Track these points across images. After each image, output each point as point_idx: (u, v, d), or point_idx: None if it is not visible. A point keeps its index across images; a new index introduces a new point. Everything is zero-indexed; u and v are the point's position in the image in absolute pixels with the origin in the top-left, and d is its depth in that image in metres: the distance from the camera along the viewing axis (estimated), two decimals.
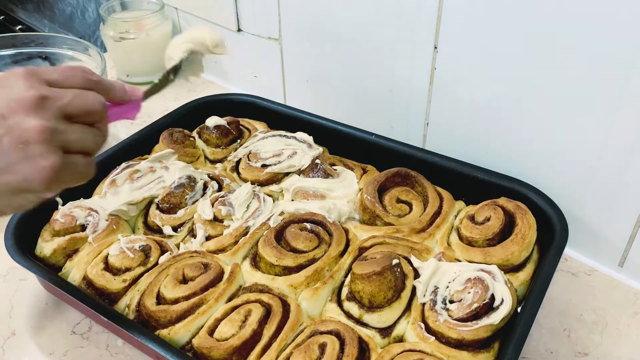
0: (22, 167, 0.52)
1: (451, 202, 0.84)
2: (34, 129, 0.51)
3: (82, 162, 0.56)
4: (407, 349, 0.65)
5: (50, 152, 0.52)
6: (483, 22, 0.80)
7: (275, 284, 0.73)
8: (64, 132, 0.54)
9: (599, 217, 0.83)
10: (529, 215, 0.76)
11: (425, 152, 0.90)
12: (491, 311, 0.65)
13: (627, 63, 0.70)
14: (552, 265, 0.70)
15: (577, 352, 0.74)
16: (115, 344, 0.76)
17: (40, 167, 0.52)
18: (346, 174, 0.89)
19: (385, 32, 0.93)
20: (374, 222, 0.81)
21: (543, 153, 0.84)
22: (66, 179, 0.55)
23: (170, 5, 1.33)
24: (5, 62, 1.20)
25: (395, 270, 0.69)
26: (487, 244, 0.75)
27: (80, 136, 0.56)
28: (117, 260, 0.75)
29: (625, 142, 0.75)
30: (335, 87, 1.09)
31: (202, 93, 1.24)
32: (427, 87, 0.93)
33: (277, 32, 1.13)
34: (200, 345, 0.66)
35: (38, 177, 0.52)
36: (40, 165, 0.52)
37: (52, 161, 0.52)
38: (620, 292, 0.82)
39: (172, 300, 0.71)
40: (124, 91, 0.64)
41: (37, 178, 0.52)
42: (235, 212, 0.82)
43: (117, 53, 1.32)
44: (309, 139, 0.96)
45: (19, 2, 2.17)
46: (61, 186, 0.55)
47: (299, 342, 0.66)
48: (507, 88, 0.83)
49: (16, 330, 0.79)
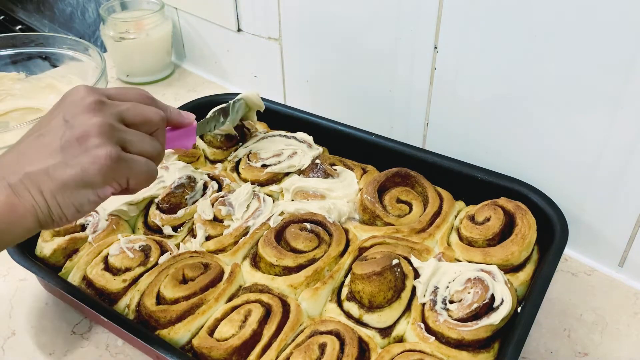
0: (81, 159, 0.54)
1: (451, 202, 0.84)
2: (92, 124, 0.55)
3: (141, 161, 0.58)
4: (407, 349, 0.65)
5: (107, 144, 0.55)
6: (483, 22, 0.80)
7: (275, 284, 0.73)
8: (122, 131, 0.57)
9: (599, 217, 0.83)
10: (529, 216, 0.76)
11: (425, 152, 0.90)
12: (491, 311, 0.65)
13: (627, 63, 0.70)
14: (552, 265, 0.70)
15: (577, 352, 0.74)
16: (115, 344, 0.76)
17: (97, 156, 0.54)
18: (346, 174, 0.89)
19: (385, 32, 0.93)
20: (374, 222, 0.81)
21: (543, 153, 0.84)
22: (125, 173, 0.57)
23: (170, 5, 1.33)
24: (5, 62, 1.20)
25: (395, 270, 0.69)
26: (487, 244, 0.75)
27: (139, 139, 0.58)
28: (117, 260, 0.75)
29: (625, 142, 0.75)
30: (335, 87, 1.09)
31: (202, 93, 1.24)
32: (427, 87, 0.93)
33: (277, 32, 1.13)
34: (200, 345, 0.66)
35: (95, 166, 0.54)
36: (97, 154, 0.54)
37: (108, 151, 0.54)
38: (620, 292, 0.82)
39: (172, 300, 0.71)
40: (178, 113, 0.67)
41: (94, 168, 0.54)
42: (235, 212, 0.82)
43: (117, 53, 1.32)
44: (309, 139, 0.96)
45: (19, 2, 2.18)
46: (120, 180, 0.57)
47: (299, 342, 0.66)
48: (507, 88, 0.83)
49: (16, 330, 0.79)
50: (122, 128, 0.57)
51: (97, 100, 0.57)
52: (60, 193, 0.55)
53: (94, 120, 0.55)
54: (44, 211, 0.55)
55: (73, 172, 0.54)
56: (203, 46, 1.34)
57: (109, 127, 0.55)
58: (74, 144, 0.54)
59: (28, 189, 0.54)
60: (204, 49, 1.34)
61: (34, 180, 0.54)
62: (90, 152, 0.54)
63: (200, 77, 1.38)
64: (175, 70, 1.41)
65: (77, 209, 0.57)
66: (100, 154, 0.54)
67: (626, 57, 0.70)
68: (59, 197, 0.55)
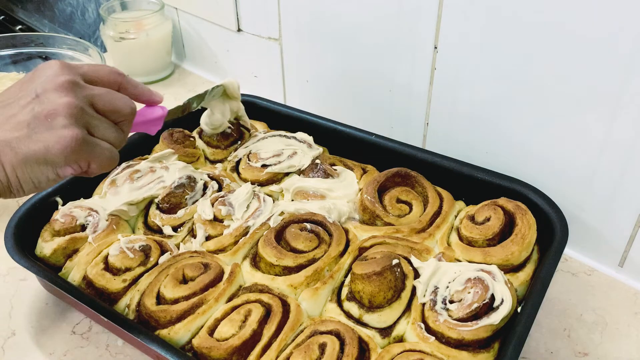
0: (46, 136, 0.54)
1: (451, 202, 0.84)
2: (62, 104, 0.55)
3: (104, 146, 0.59)
4: (407, 349, 0.65)
5: (73, 125, 0.55)
6: (483, 22, 0.80)
7: (275, 284, 0.73)
8: (90, 116, 0.57)
9: (599, 217, 0.83)
10: (529, 216, 0.76)
11: (426, 152, 0.90)
12: (491, 311, 0.65)
13: (627, 63, 0.70)
14: (552, 265, 0.70)
15: (577, 352, 0.74)
16: (115, 344, 0.76)
17: (62, 136, 0.54)
18: (346, 174, 0.89)
19: (385, 32, 0.93)
20: (374, 222, 0.81)
21: (543, 153, 0.84)
22: (86, 156, 0.57)
23: (170, 5, 1.33)
24: (5, 62, 1.20)
25: (395, 270, 0.69)
26: (487, 244, 0.75)
27: (104, 125, 0.59)
28: (117, 260, 0.75)
29: (625, 142, 0.75)
30: (335, 87, 1.09)
31: None
32: (427, 87, 0.93)
33: (277, 32, 1.13)
34: (200, 345, 0.66)
35: (59, 146, 0.54)
36: (62, 134, 0.54)
37: (74, 133, 0.55)
38: (620, 292, 0.82)
39: (172, 300, 0.71)
40: (149, 91, 0.68)
41: (58, 148, 0.54)
42: (235, 212, 0.82)
43: (117, 53, 1.32)
44: (309, 139, 0.96)
45: (19, 2, 2.17)
46: (81, 163, 0.57)
47: (298, 342, 0.66)
48: (507, 88, 0.83)
49: (16, 330, 0.79)
50: (91, 112, 0.57)
51: (71, 80, 0.57)
52: (21, 167, 0.55)
53: (64, 99, 0.55)
54: (3, 182, 0.56)
55: (36, 147, 0.54)
56: (203, 46, 1.34)
57: (78, 110, 0.56)
58: (41, 120, 0.54)
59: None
60: (204, 49, 1.34)
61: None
62: (56, 130, 0.54)
63: (200, 77, 1.38)
64: (175, 70, 1.41)
65: (35, 184, 0.57)
66: (65, 134, 0.54)
67: (626, 57, 0.70)
68: (19, 171, 0.55)
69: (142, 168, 0.89)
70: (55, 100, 0.55)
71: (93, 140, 0.57)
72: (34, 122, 0.54)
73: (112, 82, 0.63)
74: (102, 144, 0.58)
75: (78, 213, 0.81)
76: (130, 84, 0.65)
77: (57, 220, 0.80)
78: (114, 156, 0.60)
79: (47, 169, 0.56)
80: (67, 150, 0.55)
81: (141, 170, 0.89)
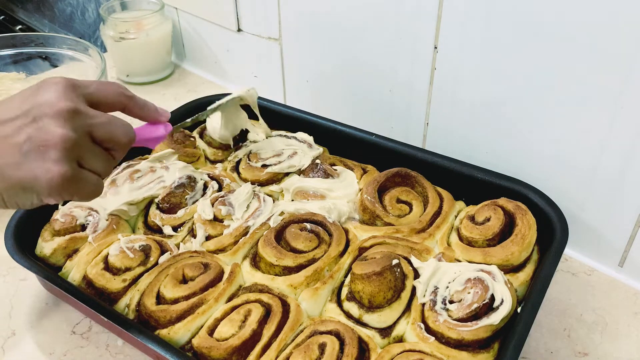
0: (36, 167, 0.54)
1: (451, 203, 0.84)
2: (58, 136, 0.54)
3: (91, 180, 0.58)
4: (406, 349, 0.64)
5: (65, 161, 0.54)
6: (483, 22, 0.80)
7: (275, 284, 0.73)
8: (84, 148, 0.57)
9: (599, 217, 0.83)
10: (529, 216, 0.76)
11: (426, 152, 0.90)
12: (491, 311, 0.65)
13: (627, 63, 0.70)
14: (552, 265, 0.70)
15: (577, 352, 0.74)
16: (115, 344, 0.76)
17: (52, 171, 0.54)
18: (346, 174, 0.89)
19: (385, 32, 0.93)
20: (374, 222, 0.81)
21: (543, 152, 0.84)
22: (72, 191, 0.57)
23: (170, 5, 1.33)
24: (5, 62, 1.20)
25: (395, 270, 0.69)
26: (487, 244, 0.75)
27: (96, 157, 0.58)
28: (117, 260, 0.75)
29: (625, 141, 0.75)
30: (335, 87, 1.09)
31: (202, 93, 1.24)
32: (427, 87, 0.93)
33: (277, 32, 1.13)
34: (200, 345, 0.66)
35: (47, 181, 0.54)
36: (52, 169, 0.54)
37: (64, 170, 0.54)
38: (620, 292, 0.82)
39: (172, 300, 0.71)
40: (155, 110, 0.67)
41: (45, 181, 0.54)
42: (235, 212, 0.82)
43: (117, 53, 1.32)
44: (309, 139, 0.96)
45: (19, 2, 2.18)
46: (64, 196, 0.57)
47: (298, 342, 0.66)
48: (507, 88, 0.83)
49: (16, 330, 0.79)
50: (85, 143, 0.57)
51: (72, 109, 0.56)
52: (7, 191, 0.56)
53: (60, 131, 0.54)
54: None
55: (24, 176, 0.54)
56: (203, 46, 1.34)
57: (72, 143, 0.55)
58: (34, 149, 0.54)
59: None
60: (204, 49, 1.34)
61: None
62: (46, 163, 0.54)
63: (200, 77, 1.38)
64: (175, 70, 1.41)
65: (20, 205, 0.58)
66: (55, 169, 0.54)
67: (626, 57, 0.70)
68: (5, 194, 0.56)
69: (143, 168, 0.89)
70: (52, 130, 0.54)
71: (80, 175, 0.57)
72: (27, 149, 0.54)
73: (117, 103, 0.62)
74: (89, 177, 0.58)
75: (78, 213, 0.81)
76: (137, 106, 0.64)
77: (57, 220, 0.80)
78: (98, 189, 0.60)
79: (32, 196, 0.56)
80: (53, 184, 0.55)
81: (141, 170, 0.89)
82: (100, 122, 0.58)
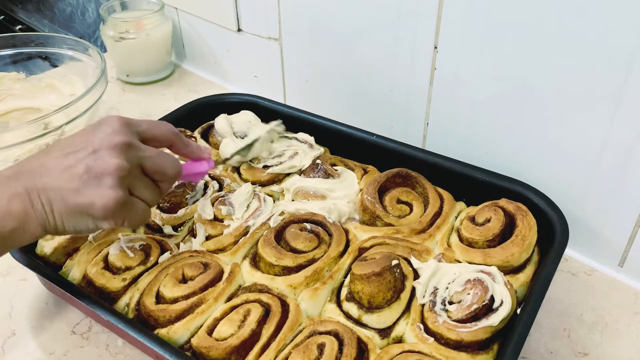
0: (93, 193, 0.61)
1: (452, 203, 0.83)
2: (113, 165, 0.61)
3: (141, 207, 0.65)
4: (405, 349, 0.64)
5: (118, 188, 0.61)
6: (483, 22, 0.80)
7: (275, 284, 0.73)
8: (135, 178, 0.64)
9: (599, 217, 0.83)
10: (530, 217, 0.76)
11: (427, 153, 0.90)
12: (490, 313, 0.65)
13: (627, 63, 0.70)
14: (552, 267, 0.70)
15: (577, 352, 0.74)
16: (115, 344, 0.76)
17: (107, 196, 0.61)
18: (347, 175, 0.89)
19: (385, 32, 0.93)
20: (374, 223, 0.81)
21: (543, 153, 0.84)
22: (123, 215, 0.63)
23: (170, 5, 1.33)
24: (5, 62, 1.20)
25: (394, 271, 0.69)
26: (487, 245, 0.75)
27: (145, 187, 0.66)
28: (117, 259, 0.75)
29: (625, 141, 0.75)
30: (335, 87, 1.09)
31: (202, 93, 1.24)
32: (427, 87, 0.93)
33: (277, 32, 1.13)
34: (199, 344, 0.66)
35: (102, 205, 0.61)
36: (107, 193, 0.61)
37: (118, 195, 0.61)
38: (620, 292, 0.82)
39: (172, 300, 0.71)
40: (198, 148, 0.75)
41: (100, 205, 0.61)
42: (235, 212, 0.82)
43: (117, 53, 1.32)
44: (310, 139, 0.96)
45: (19, 2, 2.18)
46: (117, 220, 0.64)
47: (297, 342, 0.66)
48: (507, 88, 0.83)
49: (16, 330, 0.79)
50: (137, 174, 0.64)
51: (126, 142, 0.63)
52: (66, 215, 0.62)
53: (115, 161, 0.61)
54: (51, 224, 0.62)
55: (82, 201, 0.61)
56: (203, 46, 1.34)
57: (125, 172, 0.62)
58: (92, 176, 0.61)
59: (42, 203, 0.61)
60: (204, 49, 1.34)
61: (49, 197, 0.61)
62: (102, 189, 0.61)
63: (200, 77, 1.38)
64: (175, 70, 1.41)
65: (76, 230, 0.64)
66: (110, 194, 0.61)
67: (626, 57, 0.69)
68: (65, 218, 0.62)
69: None
70: (108, 160, 0.61)
71: (131, 201, 0.64)
72: (86, 177, 0.61)
73: (166, 140, 0.70)
74: (139, 204, 0.65)
75: None
76: (182, 143, 0.72)
77: None
78: (146, 216, 0.67)
79: (88, 220, 0.63)
80: (107, 209, 0.61)
81: None
82: (150, 156, 0.65)
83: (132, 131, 0.65)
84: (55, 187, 0.61)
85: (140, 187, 0.65)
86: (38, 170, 0.62)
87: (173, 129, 0.71)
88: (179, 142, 0.72)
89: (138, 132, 0.66)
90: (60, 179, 0.61)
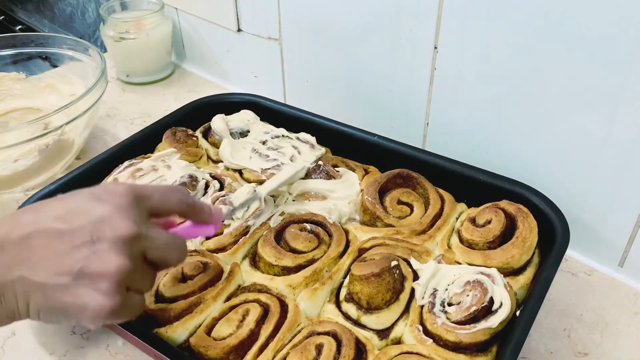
0: (85, 295, 0.51)
1: (452, 204, 0.83)
2: (114, 267, 0.51)
3: (135, 302, 0.56)
4: (404, 351, 0.64)
5: (115, 293, 0.52)
6: (483, 22, 0.80)
7: (274, 284, 0.73)
8: (136, 272, 0.54)
9: (599, 217, 0.83)
10: (531, 219, 0.75)
11: (428, 154, 0.89)
12: (490, 314, 0.64)
13: (627, 63, 0.70)
14: (552, 270, 0.70)
15: (577, 352, 0.74)
16: (115, 344, 0.76)
17: (102, 303, 0.51)
18: (348, 175, 0.89)
19: (385, 32, 0.93)
20: (374, 224, 0.81)
21: (543, 152, 0.84)
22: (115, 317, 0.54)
23: (170, 5, 1.33)
24: (5, 62, 1.20)
25: (394, 271, 0.69)
26: (488, 247, 0.74)
27: (145, 278, 0.56)
28: None
29: (625, 141, 0.75)
30: (335, 87, 1.09)
31: (203, 93, 1.24)
32: (427, 87, 0.93)
33: (277, 32, 1.13)
34: (198, 344, 0.66)
35: (94, 311, 0.51)
36: (102, 302, 0.51)
37: (114, 302, 0.52)
38: (620, 292, 0.82)
39: (171, 299, 0.71)
40: (209, 214, 0.65)
41: (92, 311, 0.51)
42: (235, 212, 0.82)
43: (117, 53, 1.32)
44: (312, 139, 0.96)
45: (19, 2, 2.18)
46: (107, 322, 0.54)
47: (295, 342, 0.66)
48: (507, 88, 0.83)
49: (16, 330, 0.79)
50: (138, 268, 0.54)
51: (133, 236, 0.53)
52: (46, 311, 0.52)
53: (117, 261, 0.51)
54: (22, 316, 0.53)
55: (70, 301, 0.51)
56: (203, 46, 1.34)
57: (125, 275, 0.52)
58: (87, 276, 0.51)
59: (16, 295, 0.51)
60: (204, 49, 1.34)
61: (26, 289, 0.51)
62: (96, 293, 0.51)
63: (200, 77, 1.38)
64: (175, 70, 1.41)
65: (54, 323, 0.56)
66: (104, 302, 0.51)
67: (627, 57, 0.69)
68: (43, 314, 0.53)
69: (145, 166, 0.89)
70: (108, 259, 0.51)
71: (126, 301, 0.54)
72: (79, 275, 0.51)
73: (177, 212, 0.61)
74: (134, 299, 0.55)
75: None
76: (194, 212, 0.63)
77: None
78: (140, 309, 0.57)
79: (72, 321, 0.54)
80: (100, 317, 0.52)
81: (143, 168, 0.89)
82: (157, 247, 0.56)
83: (142, 210, 0.56)
84: (38, 281, 0.50)
85: (139, 280, 0.55)
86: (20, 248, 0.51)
87: (187, 199, 0.62)
88: (191, 212, 0.63)
89: (148, 208, 0.57)
90: (46, 269, 0.50)
